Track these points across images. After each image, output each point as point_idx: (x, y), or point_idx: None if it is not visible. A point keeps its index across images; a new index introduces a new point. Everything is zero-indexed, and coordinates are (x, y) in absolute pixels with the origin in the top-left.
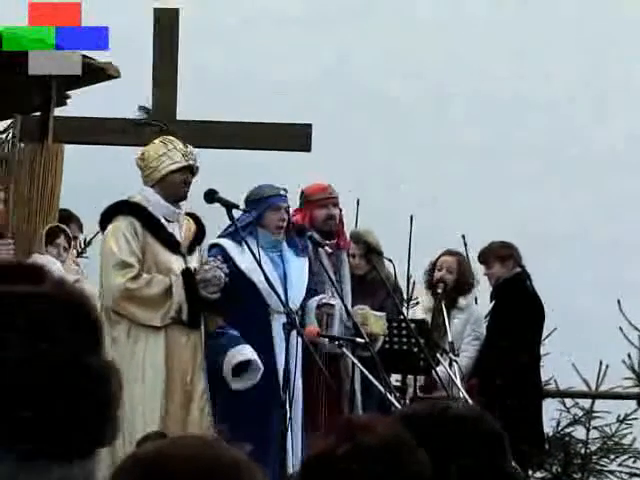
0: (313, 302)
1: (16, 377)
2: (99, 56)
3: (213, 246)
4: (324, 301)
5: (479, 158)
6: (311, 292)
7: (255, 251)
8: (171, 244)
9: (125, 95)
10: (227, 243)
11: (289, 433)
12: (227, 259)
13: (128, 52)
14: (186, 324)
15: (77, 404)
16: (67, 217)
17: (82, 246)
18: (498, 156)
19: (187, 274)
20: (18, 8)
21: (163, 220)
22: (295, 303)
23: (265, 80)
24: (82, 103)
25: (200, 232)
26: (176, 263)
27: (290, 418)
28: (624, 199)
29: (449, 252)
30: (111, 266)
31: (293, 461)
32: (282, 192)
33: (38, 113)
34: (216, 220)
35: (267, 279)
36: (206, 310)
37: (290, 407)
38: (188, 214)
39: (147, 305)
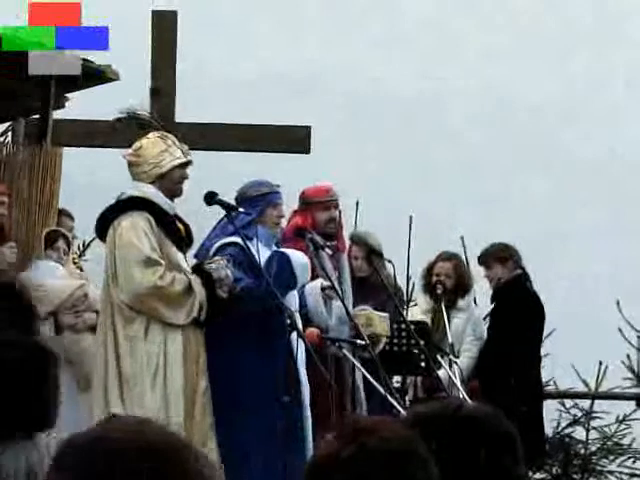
0: (316, 285)
1: None
2: (98, 59)
3: (226, 245)
4: (326, 284)
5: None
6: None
7: (253, 251)
8: (178, 240)
9: (124, 98)
10: (241, 241)
11: (299, 433)
12: (247, 256)
13: (127, 54)
14: (201, 323)
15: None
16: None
17: (80, 248)
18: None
19: (203, 273)
20: (18, 8)
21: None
22: (293, 303)
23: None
24: (81, 106)
25: (188, 232)
26: (182, 260)
27: (298, 418)
28: None
29: (445, 257)
30: (135, 262)
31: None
32: (277, 188)
33: (37, 116)
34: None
35: (267, 279)
36: (219, 309)
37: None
38: None
39: (172, 303)
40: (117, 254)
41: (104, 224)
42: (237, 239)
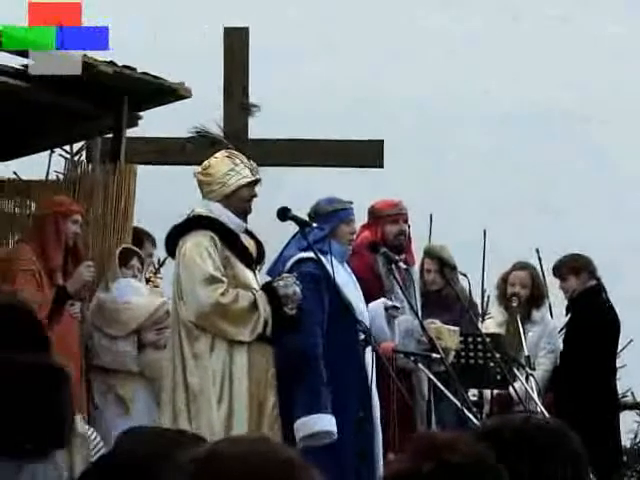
0: (379, 306)
1: None
2: (171, 77)
3: (303, 260)
4: (390, 304)
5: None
6: None
7: (328, 267)
8: (246, 258)
9: (196, 115)
10: (318, 257)
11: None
12: (324, 272)
13: (198, 71)
14: (267, 340)
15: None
16: (140, 234)
17: (156, 266)
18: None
19: (270, 290)
20: (18, 8)
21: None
22: (367, 318)
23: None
24: (154, 124)
25: (261, 249)
26: (251, 277)
27: (370, 434)
28: None
29: (520, 266)
30: (198, 280)
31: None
32: (350, 205)
33: (110, 134)
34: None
35: (342, 294)
36: (285, 326)
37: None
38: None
39: (236, 320)
40: (181, 273)
41: (173, 242)
42: (312, 255)
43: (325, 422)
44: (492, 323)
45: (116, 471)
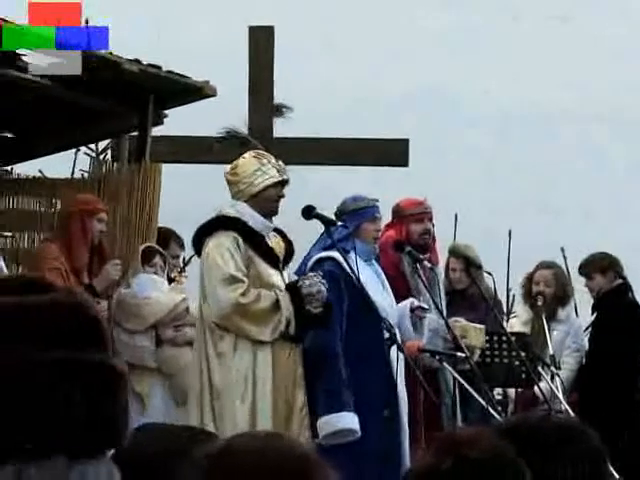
0: (405, 307)
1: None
2: (196, 75)
3: (321, 260)
4: (416, 304)
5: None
6: None
7: (352, 265)
8: (271, 258)
9: (221, 114)
10: (338, 255)
11: (396, 447)
12: (343, 271)
13: (224, 70)
14: (292, 339)
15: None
16: (167, 235)
17: (181, 265)
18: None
19: (293, 289)
20: (18, 8)
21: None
22: (394, 316)
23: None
24: (179, 122)
25: (290, 248)
26: (276, 277)
27: (396, 434)
28: None
29: (545, 265)
30: (219, 281)
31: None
32: (376, 203)
33: (135, 133)
34: (303, 235)
35: (365, 293)
36: (311, 325)
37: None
38: (274, 230)
39: (257, 320)
40: (204, 274)
41: (199, 242)
42: (333, 253)
43: (347, 420)
44: (517, 322)
45: (128, 468)
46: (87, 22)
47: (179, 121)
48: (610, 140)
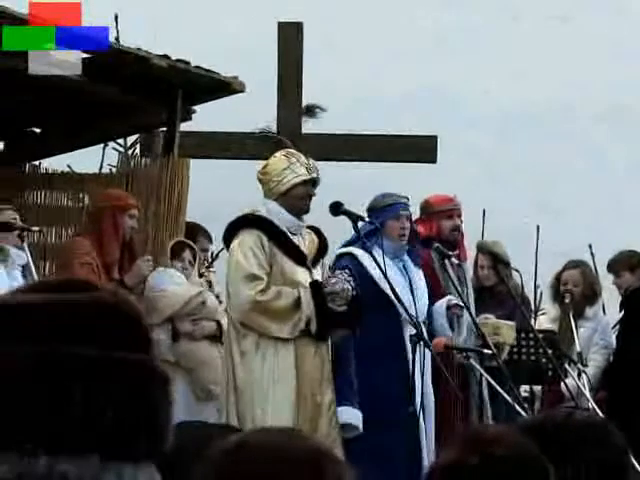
0: (442, 304)
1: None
2: (224, 71)
3: (342, 255)
4: (453, 302)
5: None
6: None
7: (380, 260)
8: (298, 256)
9: (249, 109)
10: (357, 251)
11: (421, 443)
12: (359, 267)
13: (252, 66)
14: (315, 336)
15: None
16: (195, 229)
17: (209, 260)
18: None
19: (315, 286)
20: (18, 8)
21: (288, 233)
22: (423, 313)
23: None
24: (207, 118)
25: (323, 245)
26: (302, 275)
27: (420, 428)
28: None
29: (573, 264)
30: (239, 279)
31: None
32: (403, 200)
33: (164, 128)
34: (338, 232)
35: (393, 289)
36: (334, 323)
37: (419, 417)
38: (309, 227)
39: (277, 317)
40: (229, 272)
41: (230, 237)
42: (353, 249)
43: (350, 415)
44: (545, 319)
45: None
46: (116, 18)
47: (207, 117)
48: (610, 140)
